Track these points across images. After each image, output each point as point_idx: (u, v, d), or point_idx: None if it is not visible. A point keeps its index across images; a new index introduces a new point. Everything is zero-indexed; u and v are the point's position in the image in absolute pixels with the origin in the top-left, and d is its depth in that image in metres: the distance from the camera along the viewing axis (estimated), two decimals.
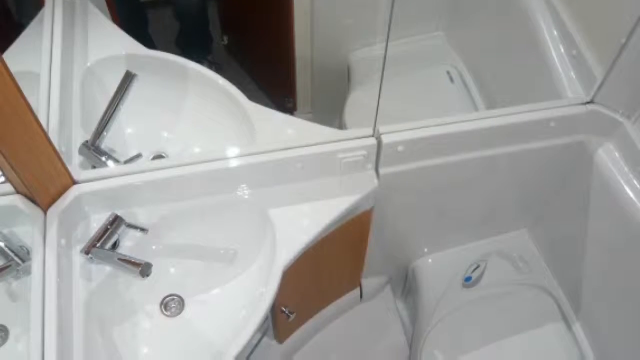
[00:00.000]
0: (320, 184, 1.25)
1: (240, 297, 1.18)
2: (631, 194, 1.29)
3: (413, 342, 1.73)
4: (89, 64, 1.36)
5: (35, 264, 1.01)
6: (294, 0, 1.85)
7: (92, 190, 1.12)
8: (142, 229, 1.15)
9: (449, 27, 2.11)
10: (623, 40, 1.19)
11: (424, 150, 1.29)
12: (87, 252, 1.06)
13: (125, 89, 1.21)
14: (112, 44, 1.39)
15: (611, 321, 1.47)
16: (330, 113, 2.11)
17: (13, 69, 0.86)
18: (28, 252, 1.07)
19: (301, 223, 1.19)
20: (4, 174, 1.03)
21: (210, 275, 1.23)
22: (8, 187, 1.06)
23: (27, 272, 1.04)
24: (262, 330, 1.65)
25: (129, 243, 1.17)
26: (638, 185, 1.28)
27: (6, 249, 1.04)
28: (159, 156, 1.36)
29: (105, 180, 1.13)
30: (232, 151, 1.18)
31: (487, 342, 1.56)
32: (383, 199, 1.36)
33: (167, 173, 1.15)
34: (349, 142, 1.22)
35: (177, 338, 1.16)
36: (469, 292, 1.66)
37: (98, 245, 1.07)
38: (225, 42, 2.53)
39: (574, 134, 1.37)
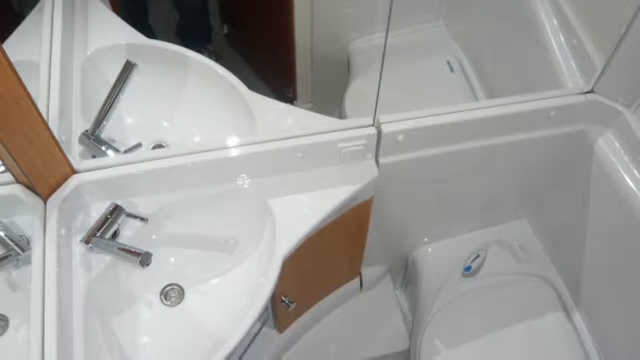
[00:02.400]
0: (320, 173, 1.25)
1: (240, 287, 1.18)
2: (631, 184, 1.29)
3: (413, 332, 1.74)
4: (89, 54, 1.35)
5: (35, 253, 1.01)
6: None
7: (92, 180, 1.12)
8: (142, 219, 1.15)
9: (449, 17, 2.10)
10: (623, 30, 1.19)
11: (424, 140, 1.29)
12: (87, 242, 1.07)
13: (126, 79, 1.21)
14: (112, 34, 1.39)
15: (611, 310, 1.48)
16: (330, 103, 2.10)
17: (13, 58, 0.86)
18: (28, 242, 1.07)
19: (301, 212, 1.19)
20: (3, 164, 1.03)
21: (210, 265, 1.23)
22: (8, 177, 1.06)
23: (27, 261, 1.04)
24: (262, 319, 1.66)
25: (129, 232, 1.18)
26: (638, 175, 1.28)
27: (6, 239, 1.04)
28: (158, 145, 1.36)
29: (105, 169, 1.13)
30: (232, 140, 1.18)
31: (487, 331, 1.57)
32: (383, 188, 1.36)
33: (167, 162, 1.15)
34: (349, 131, 1.21)
35: (177, 327, 1.16)
36: (469, 281, 1.66)
37: (98, 234, 1.07)
38: (225, 31, 2.52)
39: (574, 123, 1.36)
